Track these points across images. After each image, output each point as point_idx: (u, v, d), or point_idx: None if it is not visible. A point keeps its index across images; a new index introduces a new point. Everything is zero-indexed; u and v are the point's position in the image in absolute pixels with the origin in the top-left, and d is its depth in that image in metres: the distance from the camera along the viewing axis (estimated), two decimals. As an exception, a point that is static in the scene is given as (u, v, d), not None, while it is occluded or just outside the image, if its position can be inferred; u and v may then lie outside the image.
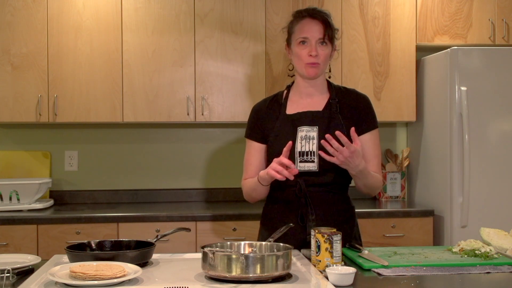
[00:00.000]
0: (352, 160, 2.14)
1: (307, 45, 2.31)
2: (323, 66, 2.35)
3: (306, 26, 2.32)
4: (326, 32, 2.30)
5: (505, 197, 3.62)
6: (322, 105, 2.38)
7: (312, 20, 2.32)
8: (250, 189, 2.40)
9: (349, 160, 2.13)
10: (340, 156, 2.12)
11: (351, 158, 2.13)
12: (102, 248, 2.08)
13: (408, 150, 4.17)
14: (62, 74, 3.73)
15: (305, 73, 2.34)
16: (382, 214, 3.67)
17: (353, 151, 2.11)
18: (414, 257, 2.09)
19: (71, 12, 3.74)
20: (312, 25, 2.31)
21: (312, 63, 2.31)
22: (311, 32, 2.31)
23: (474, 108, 3.59)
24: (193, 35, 3.81)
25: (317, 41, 2.31)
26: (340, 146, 2.10)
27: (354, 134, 2.15)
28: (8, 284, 1.80)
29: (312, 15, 2.33)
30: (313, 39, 2.30)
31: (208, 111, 3.82)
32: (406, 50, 3.93)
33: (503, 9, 3.97)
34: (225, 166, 4.17)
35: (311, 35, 2.31)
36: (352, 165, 2.16)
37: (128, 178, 4.14)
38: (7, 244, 3.42)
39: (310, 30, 2.31)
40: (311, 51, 2.30)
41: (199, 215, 3.54)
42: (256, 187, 2.35)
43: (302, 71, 2.36)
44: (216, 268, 1.75)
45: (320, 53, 2.31)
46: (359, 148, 2.14)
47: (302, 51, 2.32)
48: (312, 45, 2.30)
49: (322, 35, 2.30)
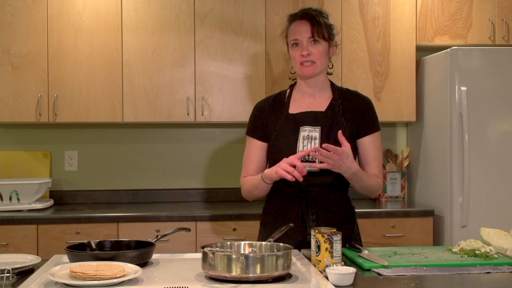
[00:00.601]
0: (343, 163, 2.18)
1: (299, 46, 2.35)
2: (320, 63, 2.36)
3: (296, 28, 2.37)
4: (315, 30, 2.33)
5: (505, 197, 3.62)
6: (325, 106, 2.39)
7: (300, 22, 2.37)
8: (252, 186, 2.39)
9: (340, 163, 2.17)
10: (330, 161, 2.16)
11: (341, 161, 2.17)
12: (102, 248, 2.07)
13: (408, 150, 4.17)
14: (62, 74, 3.73)
15: (301, 73, 2.38)
16: (382, 214, 3.67)
17: (341, 154, 2.15)
18: (414, 257, 2.09)
19: (71, 12, 3.74)
20: (301, 26, 2.36)
21: (305, 63, 2.34)
22: (300, 33, 2.35)
23: (474, 108, 3.59)
24: (193, 35, 3.81)
25: (307, 41, 2.34)
26: (328, 153, 2.14)
27: (341, 136, 2.19)
28: (8, 284, 1.80)
29: (300, 16, 2.37)
30: (304, 39, 2.34)
31: (208, 111, 3.82)
32: (406, 50, 3.93)
33: (503, 9, 3.97)
34: (225, 166, 4.17)
35: (300, 36, 2.35)
36: (344, 168, 2.20)
37: (128, 178, 4.14)
38: (7, 244, 3.42)
39: (299, 31, 2.35)
40: (302, 51, 2.34)
41: (199, 215, 3.54)
42: (259, 185, 2.35)
43: (298, 72, 2.39)
44: (216, 268, 1.75)
45: (312, 51, 2.33)
46: (348, 150, 2.17)
47: (295, 52, 2.37)
48: (303, 45, 2.34)
49: (311, 33, 2.33)
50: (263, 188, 2.36)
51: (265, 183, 2.32)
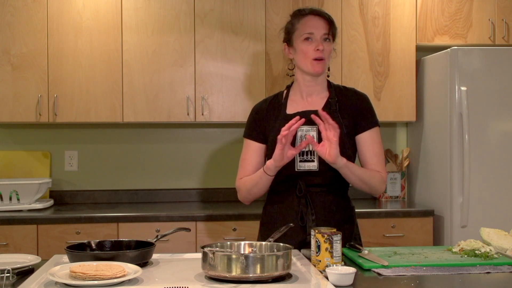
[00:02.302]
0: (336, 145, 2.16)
1: (312, 41, 2.32)
2: (327, 62, 2.36)
3: (310, 22, 2.34)
4: (331, 28, 2.33)
5: (505, 197, 3.62)
6: (322, 105, 2.38)
7: (315, 17, 2.34)
8: (252, 183, 2.36)
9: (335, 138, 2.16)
10: (331, 127, 2.15)
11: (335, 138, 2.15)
12: (102, 248, 2.07)
13: (408, 150, 4.17)
14: (62, 74, 3.73)
15: (311, 70, 2.34)
16: (382, 214, 3.67)
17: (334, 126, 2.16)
18: (414, 257, 2.09)
19: (71, 12, 3.74)
20: (317, 20, 2.33)
21: (318, 59, 2.32)
22: (316, 27, 2.32)
23: (474, 108, 3.59)
24: (193, 35, 3.81)
25: (322, 37, 2.32)
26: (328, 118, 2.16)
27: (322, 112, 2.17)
28: (8, 284, 1.80)
29: (314, 12, 2.36)
30: (318, 35, 2.32)
31: (208, 111, 3.82)
32: (406, 50, 3.93)
33: (503, 9, 3.97)
34: (225, 166, 4.17)
35: (316, 31, 2.32)
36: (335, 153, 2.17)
37: (128, 178, 4.14)
38: (7, 244, 3.42)
39: (315, 26, 2.32)
40: (318, 46, 2.31)
41: (199, 215, 3.54)
42: (259, 180, 2.33)
43: (307, 68, 2.35)
44: (216, 268, 1.75)
45: (326, 48, 2.33)
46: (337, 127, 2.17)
47: (308, 47, 2.32)
48: (317, 40, 2.32)
49: (327, 30, 2.32)
50: (264, 182, 2.33)
51: (266, 176, 2.29)
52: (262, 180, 2.32)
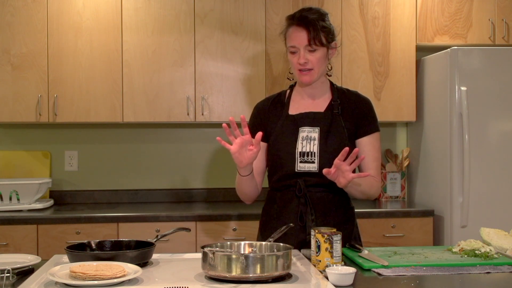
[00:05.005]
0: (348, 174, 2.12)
1: (296, 53, 2.31)
2: (317, 70, 2.33)
3: (293, 34, 2.32)
4: (311, 38, 2.27)
5: (505, 197, 3.62)
6: (324, 106, 2.39)
7: (297, 28, 2.30)
8: (238, 184, 2.39)
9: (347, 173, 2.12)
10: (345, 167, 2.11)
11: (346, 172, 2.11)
12: (102, 248, 2.07)
13: (408, 150, 4.17)
14: (62, 74, 3.73)
15: (299, 80, 2.37)
16: (382, 214, 3.67)
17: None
18: (414, 257, 2.09)
19: (71, 12, 3.74)
20: (297, 33, 2.30)
21: (303, 70, 2.31)
22: (297, 40, 2.30)
23: (474, 108, 3.59)
24: (193, 35, 3.81)
25: (304, 48, 2.29)
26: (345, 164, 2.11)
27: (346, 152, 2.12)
28: (8, 284, 1.80)
29: (297, 21, 2.31)
30: (301, 47, 2.30)
31: (208, 111, 3.82)
32: (406, 50, 3.93)
33: (503, 9, 3.97)
34: (225, 166, 4.17)
35: (298, 43, 2.30)
36: (345, 183, 2.13)
37: (128, 178, 4.14)
38: (7, 244, 3.42)
39: (296, 39, 2.30)
40: (299, 59, 2.30)
41: (199, 215, 3.54)
42: (240, 181, 2.34)
43: (297, 79, 2.38)
44: (216, 268, 1.75)
45: (309, 59, 2.30)
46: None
47: (293, 59, 2.33)
48: (300, 53, 2.30)
49: (307, 41, 2.28)
50: (245, 183, 2.33)
51: (240, 177, 2.31)
52: (242, 180, 2.33)
